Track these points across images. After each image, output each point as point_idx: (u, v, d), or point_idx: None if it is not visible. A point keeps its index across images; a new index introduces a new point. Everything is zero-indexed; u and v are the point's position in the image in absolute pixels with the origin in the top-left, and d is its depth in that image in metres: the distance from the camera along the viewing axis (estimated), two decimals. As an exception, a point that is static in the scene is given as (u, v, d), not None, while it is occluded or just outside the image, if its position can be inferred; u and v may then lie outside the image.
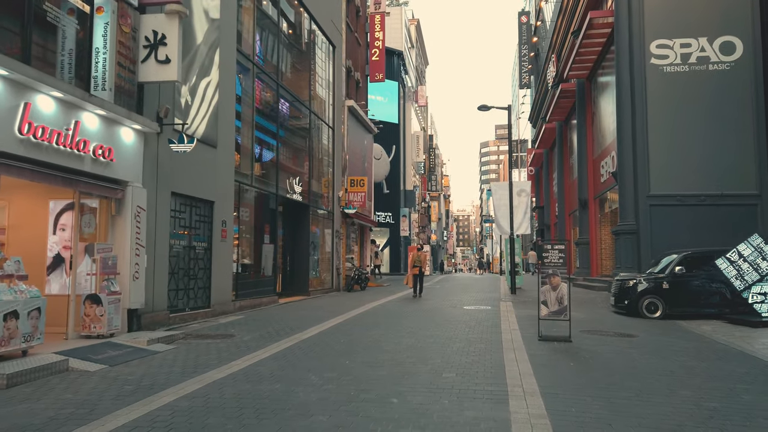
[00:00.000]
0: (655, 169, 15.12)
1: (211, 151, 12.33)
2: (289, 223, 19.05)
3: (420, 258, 17.21)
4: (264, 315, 12.71)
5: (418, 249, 18.45)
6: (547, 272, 9.10)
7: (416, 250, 18.56)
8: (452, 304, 14.99)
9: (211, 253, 12.33)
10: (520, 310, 13.33)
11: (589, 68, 21.47)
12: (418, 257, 17.22)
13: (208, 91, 12.28)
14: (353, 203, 22.91)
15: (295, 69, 19.72)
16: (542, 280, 9.13)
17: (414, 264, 17.08)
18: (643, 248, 14.90)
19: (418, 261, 17.09)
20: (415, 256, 17.27)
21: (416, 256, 17.25)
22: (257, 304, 14.54)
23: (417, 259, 17.14)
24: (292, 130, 18.81)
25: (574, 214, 27.77)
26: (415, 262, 17.09)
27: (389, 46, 40.87)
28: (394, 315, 12.66)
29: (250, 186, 14.88)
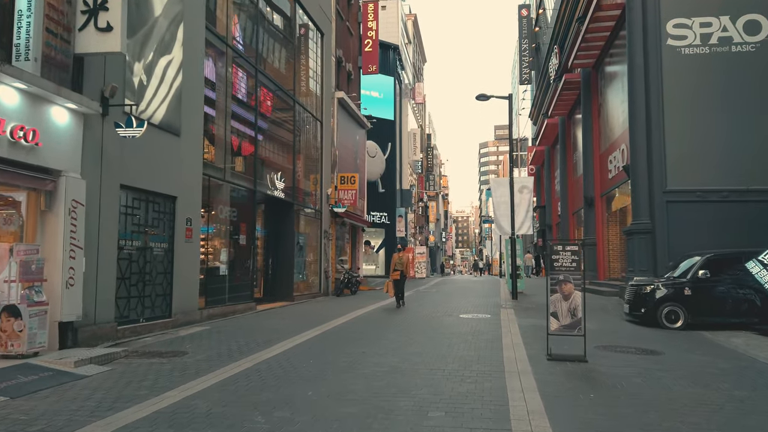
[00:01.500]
0: (672, 162, 13.64)
1: (172, 140, 10.85)
2: (271, 222, 17.59)
3: (402, 261, 14.86)
4: (234, 325, 11.23)
5: (398, 250, 15.99)
6: (558, 278, 7.62)
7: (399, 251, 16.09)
8: (447, 311, 13.52)
9: (172, 255, 10.85)
10: (523, 319, 11.86)
11: (596, 56, 20.01)
12: (399, 260, 14.84)
13: (168, 72, 10.82)
14: (343, 201, 21.44)
15: (278, 56, 18.26)
16: (552, 287, 7.65)
17: (395, 268, 14.71)
18: (660, 249, 13.43)
19: (400, 264, 14.72)
20: (396, 259, 14.90)
21: (397, 259, 14.90)
22: (230, 312, 13.07)
23: (399, 262, 14.79)
24: (275, 122, 17.35)
25: (578, 214, 26.31)
26: (396, 265, 14.74)
27: (385, 40, 39.42)
28: (380, 325, 11.18)
29: (223, 180, 13.41)
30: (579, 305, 7.55)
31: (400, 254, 15.12)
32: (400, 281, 14.55)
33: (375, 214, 37.37)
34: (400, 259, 14.85)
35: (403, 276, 14.67)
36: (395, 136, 40.30)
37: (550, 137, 32.82)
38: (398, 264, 14.68)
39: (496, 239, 51.98)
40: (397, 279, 14.50)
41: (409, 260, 14.70)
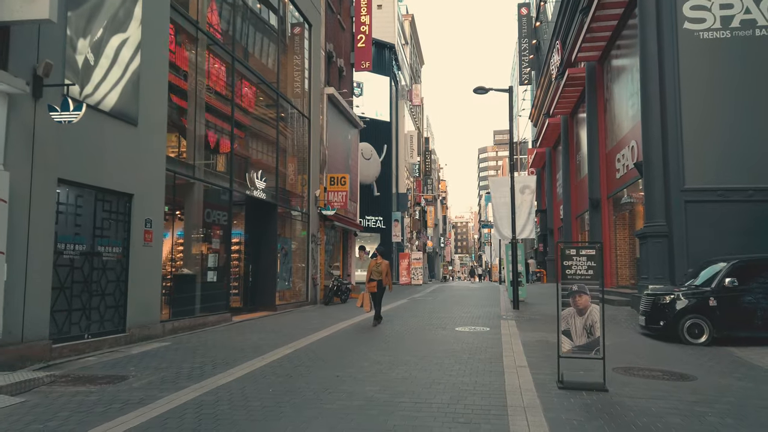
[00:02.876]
0: (690, 157, 12.33)
1: (127, 130, 9.54)
2: (253, 225, 16.26)
3: (379, 269, 12.00)
4: (200, 341, 9.88)
5: (373, 255, 12.48)
6: (571, 289, 6.30)
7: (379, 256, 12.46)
8: (442, 323, 12.18)
9: (127, 260, 9.51)
10: (527, 333, 10.51)
11: (602, 49, 18.75)
12: (376, 268, 12.02)
13: (123, 52, 9.51)
14: (333, 204, 20.12)
15: (261, 47, 16.99)
16: (563, 300, 6.32)
17: (371, 277, 12.07)
18: (677, 254, 12.10)
19: (377, 273, 11.98)
20: (372, 267, 12.09)
21: (374, 267, 12.09)
22: (200, 325, 11.72)
23: (375, 270, 12.02)
24: (256, 117, 16.07)
25: (581, 217, 25.01)
26: (373, 274, 12.04)
27: (381, 38, 38.24)
28: (365, 341, 9.83)
29: (194, 178, 12.09)
30: (597, 322, 6.22)
31: (377, 260, 12.22)
32: (377, 294, 12.08)
33: (370, 219, 36.11)
34: (377, 266, 12.09)
35: (381, 287, 12.06)
36: (391, 138, 39.07)
37: (551, 138, 31.55)
38: (375, 273, 12.04)
39: (495, 244, 50.72)
40: (374, 292, 12.05)
41: (388, 268, 12.07)
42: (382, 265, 12.11)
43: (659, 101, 12.68)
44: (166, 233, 11.35)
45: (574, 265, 6.30)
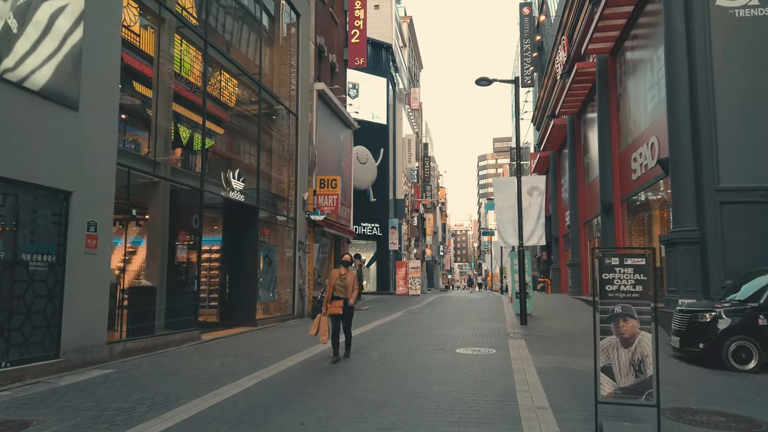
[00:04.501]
0: (726, 152, 10.76)
1: (65, 115, 7.99)
2: (231, 231, 14.70)
3: (344, 282, 8.92)
4: (149, 367, 8.26)
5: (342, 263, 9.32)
6: (613, 311, 4.71)
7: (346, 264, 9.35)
8: (440, 343, 10.56)
9: (63, 271, 7.92)
10: (541, 357, 8.90)
11: (614, 39, 17.23)
12: (341, 281, 8.93)
13: (60, 22, 7.97)
14: (322, 208, 18.54)
15: (240, 34, 15.50)
16: (603, 326, 4.73)
17: (333, 294, 8.92)
18: (712, 263, 10.50)
19: (342, 289, 8.90)
20: (335, 280, 8.99)
21: (338, 280, 8.97)
22: (161, 345, 10.10)
23: (340, 284, 8.93)
24: (233, 111, 14.54)
25: (590, 223, 23.43)
26: (336, 289, 8.92)
27: (378, 38, 36.82)
28: (347, 368, 8.22)
29: (153, 175, 10.51)
30: (648, 355, 4.63)
31: (342, 271, 9.03)
32: (344, 317, 8.85)
33: (366, 226, 34.55)
34: (342, 279, 8.92)
35: (348, 308, 8.91)
36: (388, 142, 37.56)
37: (556, 141, 30.01)
38: (339, 288, 8.89)
39: (496, 252, 49.12)
40: (338, 314, 8.77)
41: (355, 282, 9.05)
42: (348, 277, 8.94)
43: (688, 90, 11.13)
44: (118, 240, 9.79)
45: (616, 279, 4.71)
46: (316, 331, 8.84)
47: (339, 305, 8.79)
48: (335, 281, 8.97)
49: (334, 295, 8.90)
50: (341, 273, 9.03)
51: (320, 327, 8.82)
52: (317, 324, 8.86)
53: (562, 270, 31.44)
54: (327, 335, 8.80)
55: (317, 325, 8.85)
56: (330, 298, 8.91)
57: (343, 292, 8.88)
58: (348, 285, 8.94)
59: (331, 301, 8.87)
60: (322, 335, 8.81)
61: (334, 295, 8.90)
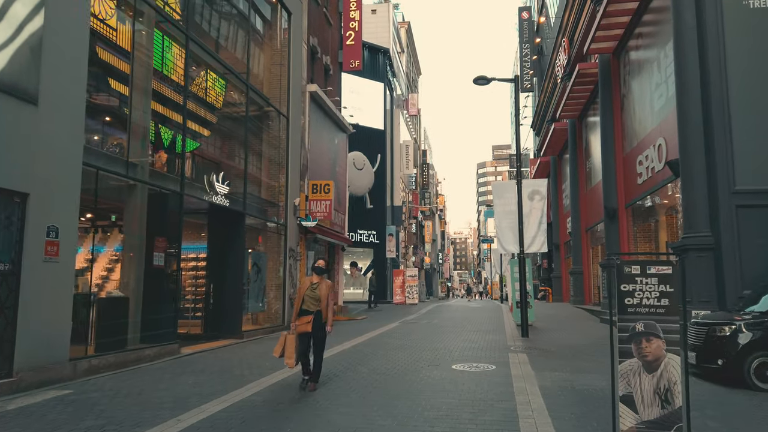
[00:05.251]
0: (742, 152, 10.04)
1: (21, 109, 7.27)
2: (216, 238, 13.95)
3: (316, 293, 7.39)
4: (112, 387, 7.50)
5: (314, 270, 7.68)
6: (634, 329, 3.96)
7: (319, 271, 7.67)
8: (435, 357, 9.80)
9: (17, 280, 7.17)
10: (545, 374, 8.14)
11: (618, 38, 16.58)
12: (312, 292, 7.41)
13: (15, 8, 7.28)
14: (315, 214, 17.82)
15: (227, 31, 14.85)
16: (622, 346, 3.99)
17: (302, 308, 7.39)
18: (728, 271, 9.76)
19: (313, 301, 7.38)
20: (305, 290, 7.47)
21: (308, 291, 7.44)
22: (132, 361, 9.33)
23: (311, 296, 7.40)
24: (218, 111, 13.86)
25: (592, 230, 22.71)
26: (306, 302, 7.40)
27: (375, 42, 36.25)
28: (330, 389, 7.45)
29: (125, 176, 9.76)
30: (676, 382, 3.88)
31: (314, 280, 7.48)
32: (315, 336, 7.33)
33: (362, 233, 33.84)
34: (313, 290, 7.39)
35: (320, 324, 7.31)
36: (385, 148, 36.89)
37: (556, 145, 29.35)
38: (310, 300, 7.35)
39: (495, 260, 48.38)
40: (306, 332, 7.26)
41: (330, 292, 7.50)
42: (321, 287, 7.37)
43: (699, 86, 10.43)
44: (93, 247, 9.08)
45: (638, 291, 3.97)
46: (280, 353, 7.26)
47: (308, 321, 7.25)
48: (305, 292, 7.41)
49: (303, 309, 7.35)
50: (312, 282, 7.45)
51: (285, 348, 7.21)
52: (282, 344, 7.25)
53: (563, 278, 30.69)
54: (294, 358, 7.13)
55: (282, 345, 7.24)
56: (298, 312, 7.36)
57: (314, 305, 7.34)
58: (321, 297, 7.34)
59: (299, 316, 7.34)
60: (287, 358, 7.16)
61: (303, 308, 7.35)
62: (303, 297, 7.41)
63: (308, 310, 7.33)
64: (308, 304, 7.36)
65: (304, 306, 7.37)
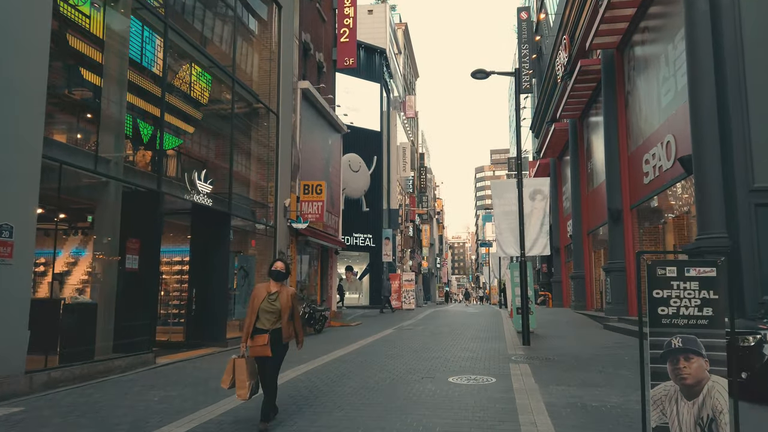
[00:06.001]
0: (761, 147, 9.32)
1: (-33, 93, 6.53)
2: (200, 240, 13.20)
3: (276, 305, 5.61)
4: (69, 404, 6.73)
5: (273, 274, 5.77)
6: (670, 345, 3.22)
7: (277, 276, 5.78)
8: (430, 369, 9.04)
9: (-38, 285, 6.42)
10: (550, 389, 7.38)
11: (622, 33, 15.89)
12: (270, 303, 5.60)
13: (-38, -19, 6.55)
14: (306, 216, 17.07)
15: (210, 22, 14.14)
16: (654, 366, 3.24)
17: (257, 327, 5.58)
18: (747, 276, 9.04)
19: (271, 315, 5.59)
20: (260, 300, 5.60)
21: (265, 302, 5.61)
22: (100, 373, 8.56)
23: (268, 308, 5.59)
24: (201, 105, 13.11)
25: (594, 234, 22.00)
26: (261, 317, 5.59)
27: (371, 42, 35.59)
28: (311, 403, 6.69)
29: (95, 172, 9.01)
30: (723, 411, 3.14)
31: (271, 288, 5.73)
32: (270, 362, 5.60)
33: (358, 236, 33.08)
34: (271, 301, 5.63)
35: (281, 344, 5.66)
36: (382, 150, 36.16)
37: (556, 146, 28.67)
38: (266, 314, 5.60)
39: (494, 264, 47.64)
40: (262, 356, 5.57)
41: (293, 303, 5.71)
42: (281, 297, 5.61)
43: (713, 76, 9.73)
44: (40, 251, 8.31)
45: (674, 299, 3.24)
46: (230, 384, 5.51)
47: (265, 342, 5.43)
48: (261, 303, 5.55)
49: (257, 328, 5.52)
50: (270, 291, 5.62)
51: (235, 375, 5.47)
52: (230, 372, 5.50)
53: (563, 283, 29.97)
54: (247, 388, 5.45)
55: (231, 373, 5.50)
56: (251, 329, 5.53)
57: (271, 321, 5.53)
58: (282, 309, 5.56)
59: (252, 335, 5.53)
60: (238, 389, 5.47)
61: (257, 327, 5.52)
62: (255, 308, 5.55)
63: (262, 329, 5.51)
64: (264, 320, 5.53)
65: (258, 323, 5.53)
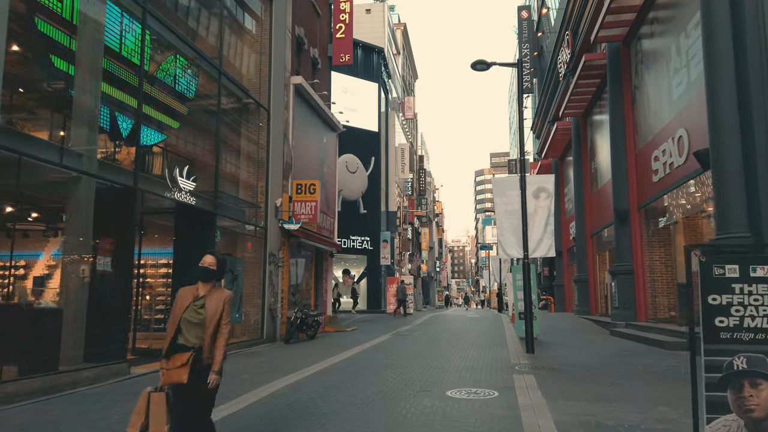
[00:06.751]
0: (787, 137, 8.62)
1: None
2: (183, 241, 12.46)
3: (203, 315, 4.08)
4: (16, 425, 5.98)
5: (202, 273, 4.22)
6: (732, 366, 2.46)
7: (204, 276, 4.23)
8: (426, 381, 8.28)
9: None
10: (560, 404, 6.62)
11: (629, 24, 15.19)
12: (194, 311, 4.09)
13: None
14: (298, 216, 16.33)
15: (199, 12, 13.44)
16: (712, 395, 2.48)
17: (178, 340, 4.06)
18: (772, 279, 8.32)
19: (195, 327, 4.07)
20: (182, 308, 4.11)
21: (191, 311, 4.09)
22: (68, 384, 7.81)
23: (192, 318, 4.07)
24: (187, 100, 12.39)
25: (599, 235, 21.25)
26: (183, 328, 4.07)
27: (369, 41, 34.93)
28: (288, 423, 5.93)
29: (60, 166, 8.27)
30: (803, 454, 2.37)
31: (199, 291, 4.16)
32: (186, 393, 4.01)
33: (355, 239, 32.37)
34: (196, 309, 4.09)
35: (201, 368, 4.02)
36: (380, 151, 35.48)
37: (558, 146, 27.96)
38: (190, 326, 4.07)
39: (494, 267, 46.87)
40: (180, 383, 3.97)
41: (224, 309, 4.10)
42: (209, 302, 4.13)
43: (733, 60, 9.01)
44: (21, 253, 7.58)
45: (736, 307, 2.49)
46: (141, 427, 3.93)
47: (183, 362, 3.95)
48: (183, 312, 4.08)
49: (179, 343, 4.05)
50: (197, 295, 4.15)
51: (150, 416, 3.95)
52: (143, 410, 3.96)
53: (565, 287, 29.23)
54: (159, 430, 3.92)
55: (143, 412, 3.95)
56: (170, 346, 4.05)
57: (196, 335, 4.06)
58: (208, 321, 4.06)
59: (168, 355, 4.04)
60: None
61: (179, 342, 4.05)
62: (177, 318, 4.07)
63: (185, 345, 4.02)
64: (187, 333, 4.05)
65: (180, 338, 4.05)
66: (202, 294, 4.17)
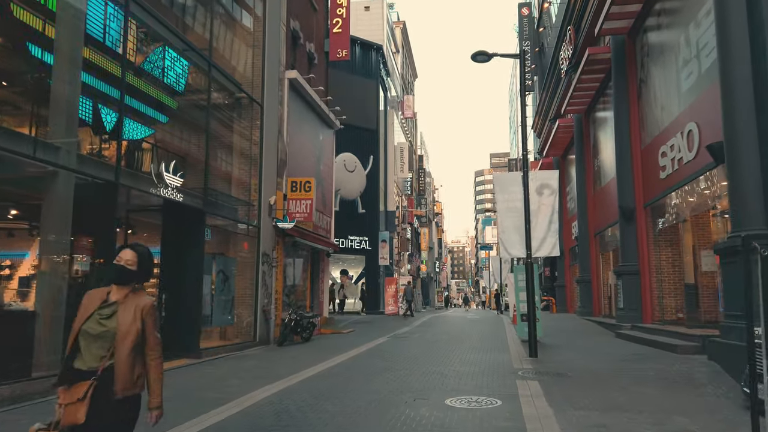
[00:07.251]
0: (807, 128, 8.12)
1: None
2: (171, 240, 11.96)
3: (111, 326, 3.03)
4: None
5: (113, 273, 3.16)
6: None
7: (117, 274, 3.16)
8: (424, 388, 7.78)
9: None
10: (568, 415, 6.11)
11: (635, 15, 14.68)
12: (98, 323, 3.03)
13: None
14: (293, 215, 15.82)
15: (187, 2, 12.96)
16: None
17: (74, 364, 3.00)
18: (793, 280, 7.80)
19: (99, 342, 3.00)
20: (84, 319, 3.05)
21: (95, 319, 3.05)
22: (42, 392, 7.30)
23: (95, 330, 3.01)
24: (172, 90, 11.88)
25: (602, 234, 20.76)
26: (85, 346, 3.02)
27: (368, 39, 34.44)
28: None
29: (34, 159, 7.76)
30: None
31: (110, 296, 3.12)
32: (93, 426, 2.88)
33: (354, 239, 31.86)
34: (102, 319, 3.03)
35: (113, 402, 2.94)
36: (379, 150, 34.97)
37: (560, 145, 27.45)
38: (92, 340, 3.00)
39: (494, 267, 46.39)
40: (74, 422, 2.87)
41: (143, 320, 3.03)
42: (123, 312, 3.06)
43: (749, 48, 8.51)
44: None
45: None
46: None
47: (80, 395, 2.91)
48: (86, 323, 3.05)
49: (74, 367, 3.01)
50: (106, 300, 3.13)
51: None
52: None
53: (567, 287, 28.73)
54: None
55: None
56: (63, 370, 3.06)
57: (97, 354, 3.01)
58: (120, 334, 3.02)
59: (63, 382, 3.01)
60: None
61: (75, 365, 3.01)
62: (79, 331, 3.06)
63: (81, 370, 3.00)
64: (85, 352, 3.03)
65: (77, 362, 3.03)
66: (113, 300, 3.11)
